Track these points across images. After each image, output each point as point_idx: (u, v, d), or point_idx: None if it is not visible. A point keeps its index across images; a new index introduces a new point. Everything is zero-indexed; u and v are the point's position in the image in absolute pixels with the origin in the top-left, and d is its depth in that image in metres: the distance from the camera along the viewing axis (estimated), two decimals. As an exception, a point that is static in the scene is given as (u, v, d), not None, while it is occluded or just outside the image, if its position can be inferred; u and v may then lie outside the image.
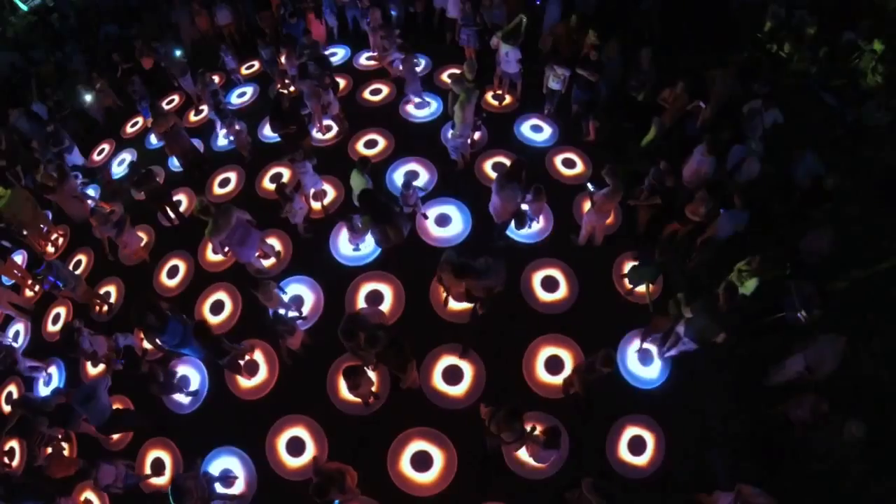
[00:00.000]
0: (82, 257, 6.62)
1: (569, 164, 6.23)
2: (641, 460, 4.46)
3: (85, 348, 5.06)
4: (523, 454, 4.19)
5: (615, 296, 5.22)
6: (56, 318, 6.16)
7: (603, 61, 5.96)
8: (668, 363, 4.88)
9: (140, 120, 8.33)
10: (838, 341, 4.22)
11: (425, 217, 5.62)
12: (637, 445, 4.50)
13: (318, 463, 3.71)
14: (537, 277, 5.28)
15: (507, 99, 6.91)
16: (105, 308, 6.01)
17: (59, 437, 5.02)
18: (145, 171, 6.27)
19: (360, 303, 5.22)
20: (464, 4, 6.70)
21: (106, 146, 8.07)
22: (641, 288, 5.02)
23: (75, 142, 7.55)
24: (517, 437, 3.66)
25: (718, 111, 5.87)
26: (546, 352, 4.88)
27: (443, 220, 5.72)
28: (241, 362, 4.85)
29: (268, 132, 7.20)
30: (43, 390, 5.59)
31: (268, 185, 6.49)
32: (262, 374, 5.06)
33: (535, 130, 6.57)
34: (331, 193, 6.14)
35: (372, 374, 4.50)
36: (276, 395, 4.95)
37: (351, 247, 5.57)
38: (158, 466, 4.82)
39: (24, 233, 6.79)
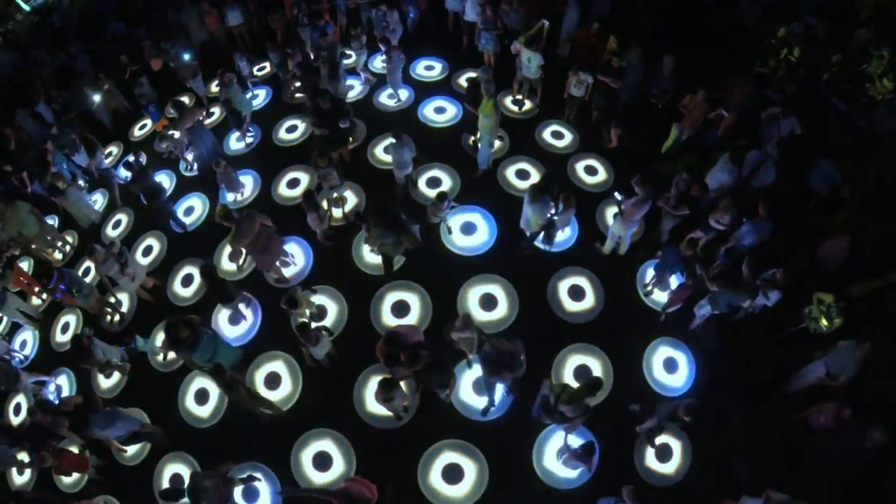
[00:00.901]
0: (91, 264, 6.44)
1: (591, 171, 6.23)
2: (669, 468, 4.50)
3: (98, 358, 4.95)
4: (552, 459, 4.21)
5: (641, 304, 5.25)
6: (65, 328, 6.01)
7: (625, 68, 5.96)
8: (692, 371, 4.94)
9: (148, 123, 8.16)
10: (859, 347, 4.29)
11: (450, 231, 5.56)
12: (664, 453, 4.54)
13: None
14: (564, 286, 5.29)
15: (527, 104, 6.88)
16: (117, 318, 5.87)
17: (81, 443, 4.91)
18: (140, 168, 6.12)
19: (386, 313, 5.16)
20: (484, 8, 6.63)
21: (114, 149, 7.90)
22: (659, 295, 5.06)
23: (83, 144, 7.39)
24: (581, 413, 3.73)
25: (738, 119, 5.91)
26: (574, 360, 4.88)
27: (468, 228, 5.68)
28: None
29: (283, 135, 7.12)
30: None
31: (286, 190, 6.40)
32: (287, 387, 4.96)
33: (556, 137, 6.56)
34: (352, 200, 6.06)
35: (405, 388, 4.47)
36: (300, 408, 4.86)
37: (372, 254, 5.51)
38: (177, 481, 4.65)
39: (33, 247, 6.61)
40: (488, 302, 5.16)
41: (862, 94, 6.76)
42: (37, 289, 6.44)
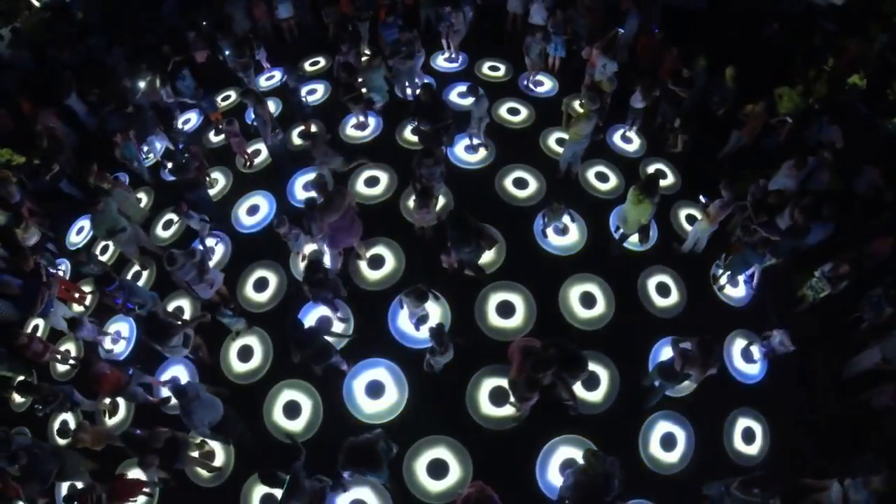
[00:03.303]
0: (138, 269, 6.19)
1: (661, 175, 6.56)
2: (753, 449, 4.96)
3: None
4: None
5: (717, 299, 5.67)
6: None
7: (693, 78, 6.33)
8: (765, 361, 5.42)
9: (192, 117, 7.79)
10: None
11: (545, 235, 5.79)
12: (749, 436, 5.00)
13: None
14: (652, 283, 5.62)
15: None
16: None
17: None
18: (185, 158, 5.95)
19: (492, 314, 5.29)
20: (554, 14, 6.80)
21: (158, 145, 7.48)
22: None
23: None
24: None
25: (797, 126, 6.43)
26: (667, 353, 5.23)
27: (562, 230, 5.86)
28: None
29: (351, 132, 7.00)
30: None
31: (363, 189, 6.36)
32: (392, 395, 4.92)
33: (625, 141, 6.87)
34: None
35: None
36: (410, 416, 4.83)
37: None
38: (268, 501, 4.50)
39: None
40: (588, 300, 5.42)
41: (883, 97, 7.39)
42: (77, 295, 6.13)
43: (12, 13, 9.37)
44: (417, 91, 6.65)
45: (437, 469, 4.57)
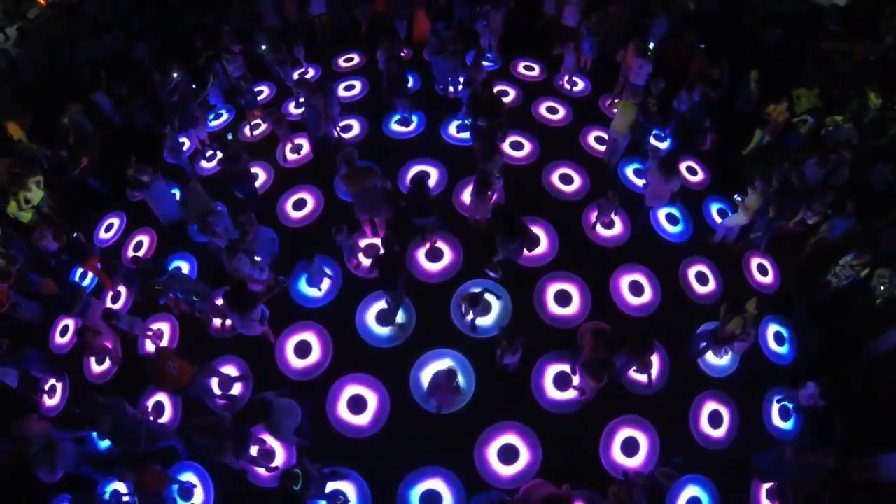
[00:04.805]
0: (181, 264, 6.13)
1: (692, 171, 6.95)
2: (788, 425, 5.38)
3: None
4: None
5: (750, 286, 6.05)
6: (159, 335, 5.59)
7: (722, 79, 6.72)
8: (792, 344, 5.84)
9: (224, 113, 7.74)
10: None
11: (594, 228, 6.09)
12: (785, 413, 5.41)
13: None
14: (692, 273, 5.97)
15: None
16: (228, 321, 5.52)
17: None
18: (234, 149, 5.94)
19: (550, 303, 5.53)
20: (589, 16, 7.06)
21: (186, 140, 7.41)
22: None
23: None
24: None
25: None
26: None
27: (609, 225, 6.17)
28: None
29: (396, 127, 7.06)
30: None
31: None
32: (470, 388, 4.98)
33: (658, 140, 7.20)
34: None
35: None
36: (479, 403, 4.93)
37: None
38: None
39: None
40: (636, 288, 5.74)
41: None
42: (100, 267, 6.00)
43: (17, 12, 9.12)
44: (459, 88, 6.85)
45: (508, 454, 4.74)
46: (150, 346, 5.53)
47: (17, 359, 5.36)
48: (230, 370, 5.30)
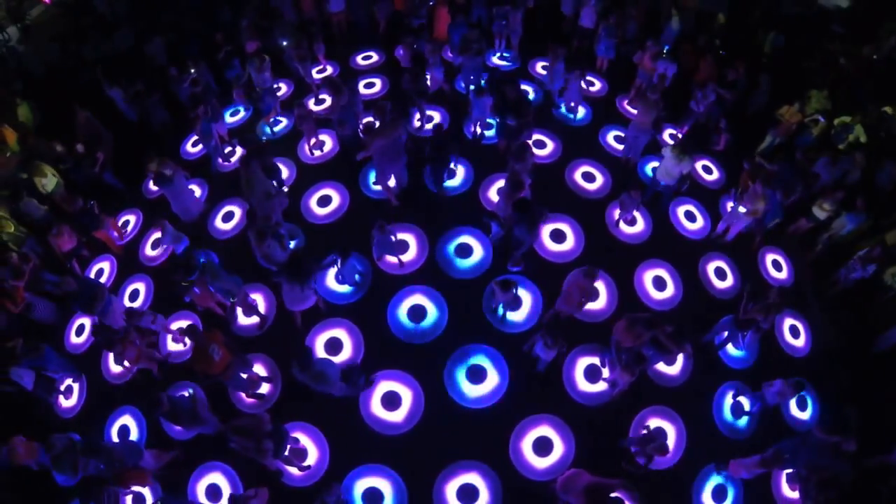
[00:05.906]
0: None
1: (707, 170, 7.14)
2: (805, 415, 5.58)
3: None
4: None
5: (763, 279, 6.22)
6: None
7: (736, 81, 6.90)
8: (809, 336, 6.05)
9: (241, 109, 7.70)
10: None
11: (618, 225, 6.22)
12: (802, 403, 5.61)
13: None
14: (711, 268, 6.14)
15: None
16: (256, 319, 5.59)
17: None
18: (261, 144, 5.96)
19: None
20: (607, 18, 7.18)
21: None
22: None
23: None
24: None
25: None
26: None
27: (632, 222, 6.31)
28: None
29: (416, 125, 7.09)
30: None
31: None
32: (493, 379, 5.09)
33: (674, 139, 7.36)
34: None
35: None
36: (512, 398, 5.01)
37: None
38: (375, 498, 4.57)
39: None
40: (659, 283, 5.88)
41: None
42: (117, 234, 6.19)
43: (19, 12, 8.98)
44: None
45: (543, 446, 4.82)
46: (171, 345, 5.50)
47: (34, 357, 5.26)
48: (258, 370, 5.27)
